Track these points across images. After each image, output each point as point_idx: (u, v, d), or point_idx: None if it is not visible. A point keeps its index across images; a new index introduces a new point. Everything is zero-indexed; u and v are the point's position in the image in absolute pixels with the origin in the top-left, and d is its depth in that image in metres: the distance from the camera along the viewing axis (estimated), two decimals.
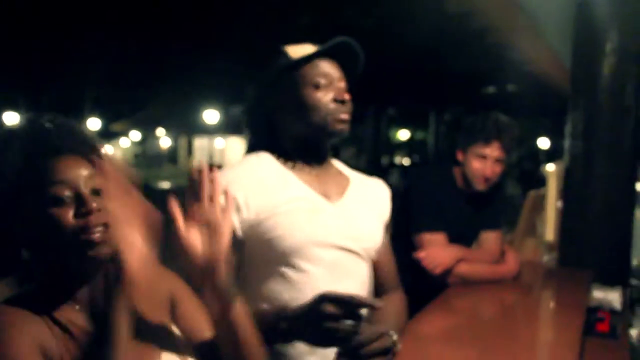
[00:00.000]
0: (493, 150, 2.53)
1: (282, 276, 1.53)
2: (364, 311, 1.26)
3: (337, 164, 1.76)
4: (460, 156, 2.61)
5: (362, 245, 1.62)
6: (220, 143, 31.95)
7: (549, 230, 3.10)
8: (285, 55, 1.62)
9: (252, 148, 1.70)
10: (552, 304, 2.57)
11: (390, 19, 7.14)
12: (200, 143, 34.19)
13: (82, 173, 1.08)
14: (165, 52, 9.95)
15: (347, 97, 1.59)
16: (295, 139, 1.63)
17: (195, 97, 20.69)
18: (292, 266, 1.52)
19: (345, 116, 1.59)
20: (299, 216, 1.53)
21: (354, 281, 1.60)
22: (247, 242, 1.54)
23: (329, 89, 1.58)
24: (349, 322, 1.22)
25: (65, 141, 1.10)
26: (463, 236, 2.60)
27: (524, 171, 15.35)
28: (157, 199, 1.49)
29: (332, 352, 1.33)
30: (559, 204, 3.17)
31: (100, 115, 24.10)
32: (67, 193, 1.05)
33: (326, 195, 1.61)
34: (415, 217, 2.56)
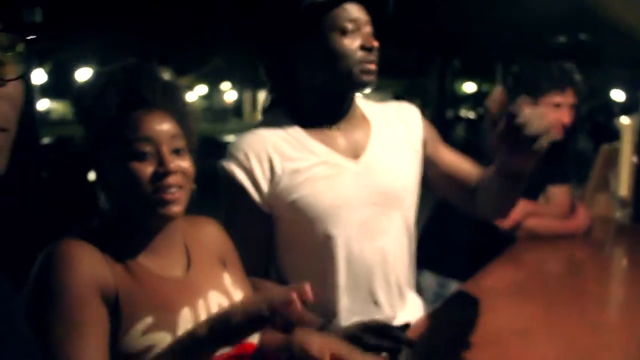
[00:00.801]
0: (567, 98, 2.46)
1: (314, 243, 1.50)
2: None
3: (361, 104, 1.65)
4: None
5: (393, 195, 1.55)
6: None
7: (623, 186, 3.00)
8: None
9: (271, 104, 1.63)
10: (624, 261, 2.51)
11: None
12: (262, 96, 34.40)
13: (167, 131, 1.13)
14: (229, 4, 9.96)
15: (375, 43, 1.47)
16: (318, 91, 1.53)
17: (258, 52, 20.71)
18: (321, 233, 1.48)
19: (372, 66, 1.47)
20: (319, 184, 1.48)
21: (387, 237, 1.55)
22: (275, 213, 1.51)
23: (356, 35, 1.45)
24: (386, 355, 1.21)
25: (156, 95, 1.15)
26: (530, 190, 2.55)
27: (596, 124, 14.83)
28: (222, 151, 1.52)
29: None
30: (634, 158, 3.06)
31: (167, 69, 24.37)
32: (150, 149, 1.10)
33: (349, 152, 1.54)
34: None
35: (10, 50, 0.74)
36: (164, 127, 1.13)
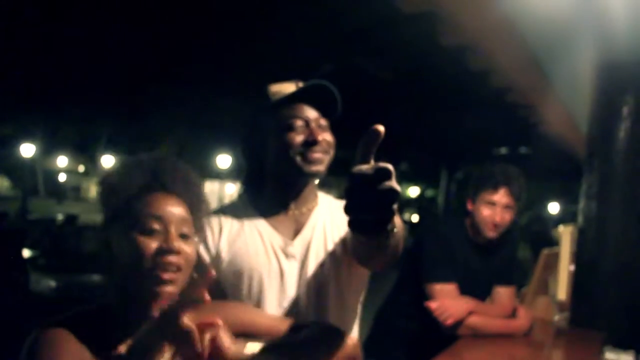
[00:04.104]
0: (501, 197, 2.54)
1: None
2: None
3: (321, 197, 1.76)
4: (470, 206, 2.62)
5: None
6: (231, 188, 32.03)
7: (561, 290, 3.06)
8: (266, 96, 1.65)
9: (242, 189, 1.75)
10: None
11: (407, 73, 7.23)
12: (211, 187, 34.32)
13: (178, 214, 1.21)
14: (183, 94, 10.11)
15: (318, 137, 1.59)
16: (274, 181, 1.67)
17: (209, 141, 20.86)
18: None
19: (316, 155, 1.59)
20: (257, 287, 1.58)
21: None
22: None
23: (303, 130, 1.60)
24: None
25: (176, 183, 1.25)
26: (474, 288, 2.58)
27: (533, 233, 15.25)
28: None
29: None
30: (572, 266, 3.14)
31: (114, 152, 24.36)
32: (158, 227, 1.17)
33: (288, 250, 1.62)
34: (426, 267, 2.55)
35: None
36: (176, 210, 1.21)
